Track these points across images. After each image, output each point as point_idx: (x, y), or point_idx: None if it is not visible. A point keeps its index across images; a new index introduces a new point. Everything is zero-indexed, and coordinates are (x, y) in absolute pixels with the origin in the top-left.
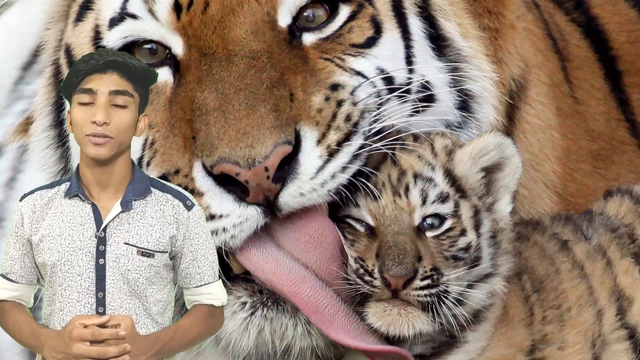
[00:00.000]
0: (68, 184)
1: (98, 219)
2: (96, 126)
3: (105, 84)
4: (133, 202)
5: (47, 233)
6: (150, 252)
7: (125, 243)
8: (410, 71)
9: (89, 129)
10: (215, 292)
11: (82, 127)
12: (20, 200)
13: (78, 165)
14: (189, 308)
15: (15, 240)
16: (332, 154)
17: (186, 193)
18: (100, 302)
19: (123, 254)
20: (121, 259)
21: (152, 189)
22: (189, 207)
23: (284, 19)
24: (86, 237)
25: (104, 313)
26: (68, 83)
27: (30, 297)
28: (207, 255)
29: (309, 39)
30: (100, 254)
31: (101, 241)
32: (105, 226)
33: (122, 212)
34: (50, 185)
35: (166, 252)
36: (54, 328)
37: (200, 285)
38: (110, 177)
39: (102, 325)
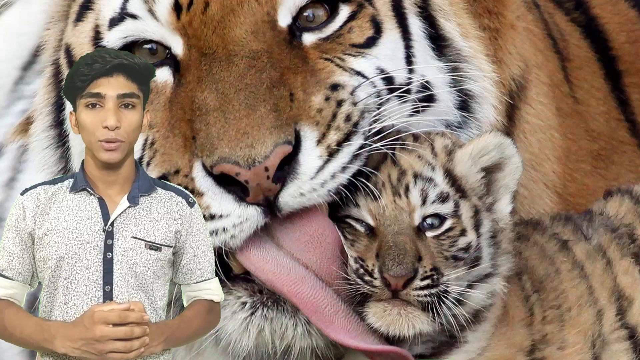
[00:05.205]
0: (71, 180)
1: (105, 213)
2: (108, 131)
3: (113, 87)
4: (139, 197)
5: (52, 227)
6: (158, 245)
7: (133, 237)
8: (410, 71)
9: (101, 135)
10: (214, 288)
11: (93, 132)
12: (22, 194)
13: (83, 161)
14: (186, 304)
15: (14, 235)
16: (332, 154)
17: (187, 191)
18: (108, 296)
19: (131, 247)
20: (129, 253)
21: (155, 187)
22: (191, 204)
23: (284, 19)
24: (94, 231)
25: None
26: (72, 86)
27: (23, 297)
28: (206, 252)
29: (309, 39)
30: (108, 247)
31: (109, 235)
32: (113, 220)
33: (129, 207)
34: (53, 182)
35: (172, 246)
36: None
37: (201, 281)
38: (118, 176)
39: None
